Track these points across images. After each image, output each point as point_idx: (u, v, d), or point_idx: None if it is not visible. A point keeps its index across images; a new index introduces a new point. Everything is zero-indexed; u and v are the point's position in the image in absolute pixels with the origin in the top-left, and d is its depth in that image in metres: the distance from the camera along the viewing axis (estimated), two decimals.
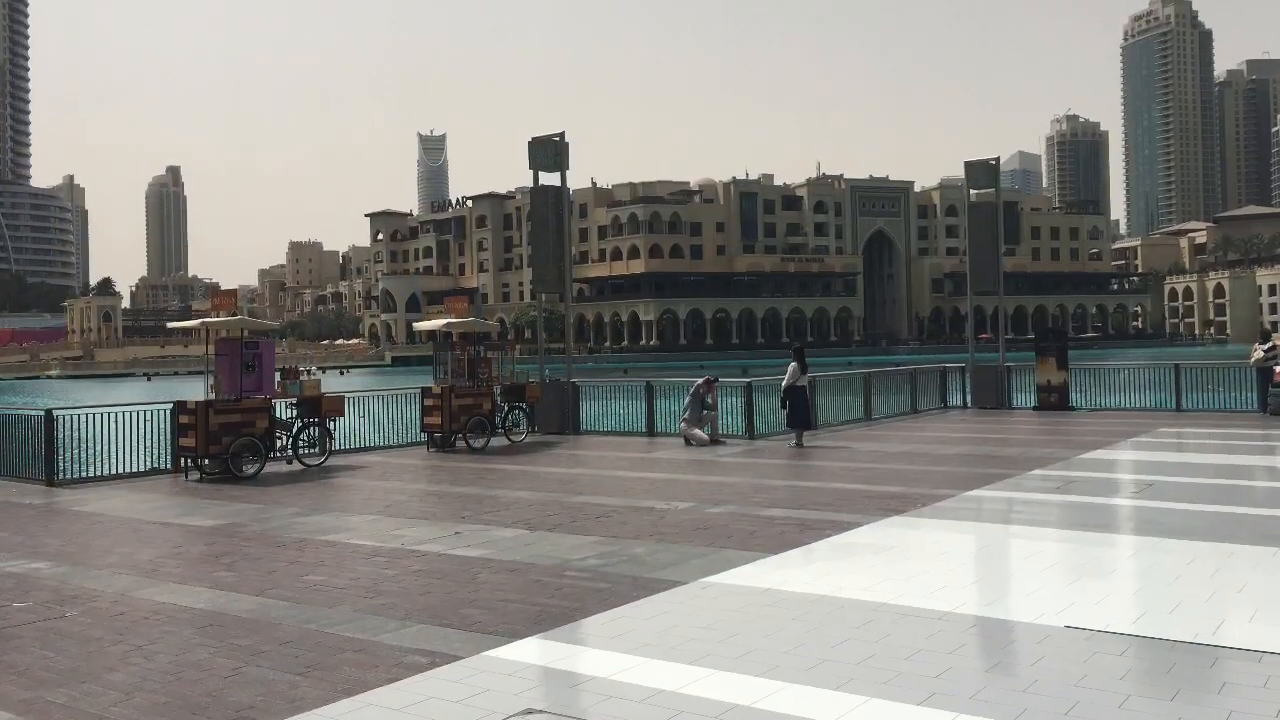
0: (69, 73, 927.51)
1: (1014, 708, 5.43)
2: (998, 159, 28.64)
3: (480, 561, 9.48)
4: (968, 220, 29.61)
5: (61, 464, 16.47)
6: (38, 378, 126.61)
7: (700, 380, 20.78)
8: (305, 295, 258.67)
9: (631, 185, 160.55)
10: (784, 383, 19.64)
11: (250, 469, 16.48)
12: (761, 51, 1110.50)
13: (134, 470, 17.06)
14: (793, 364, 19.47)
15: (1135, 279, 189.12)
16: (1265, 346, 23.50)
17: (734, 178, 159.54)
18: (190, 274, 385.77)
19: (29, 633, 7.45)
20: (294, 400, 18.17)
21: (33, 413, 17.32)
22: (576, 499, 13.32)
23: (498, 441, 20.73)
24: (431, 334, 23.21)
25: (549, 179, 24.02)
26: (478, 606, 7.82)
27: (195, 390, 23.08)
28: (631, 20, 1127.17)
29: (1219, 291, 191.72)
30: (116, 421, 16.93)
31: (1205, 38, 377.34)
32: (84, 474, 16.84)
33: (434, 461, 18.59)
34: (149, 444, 17.35)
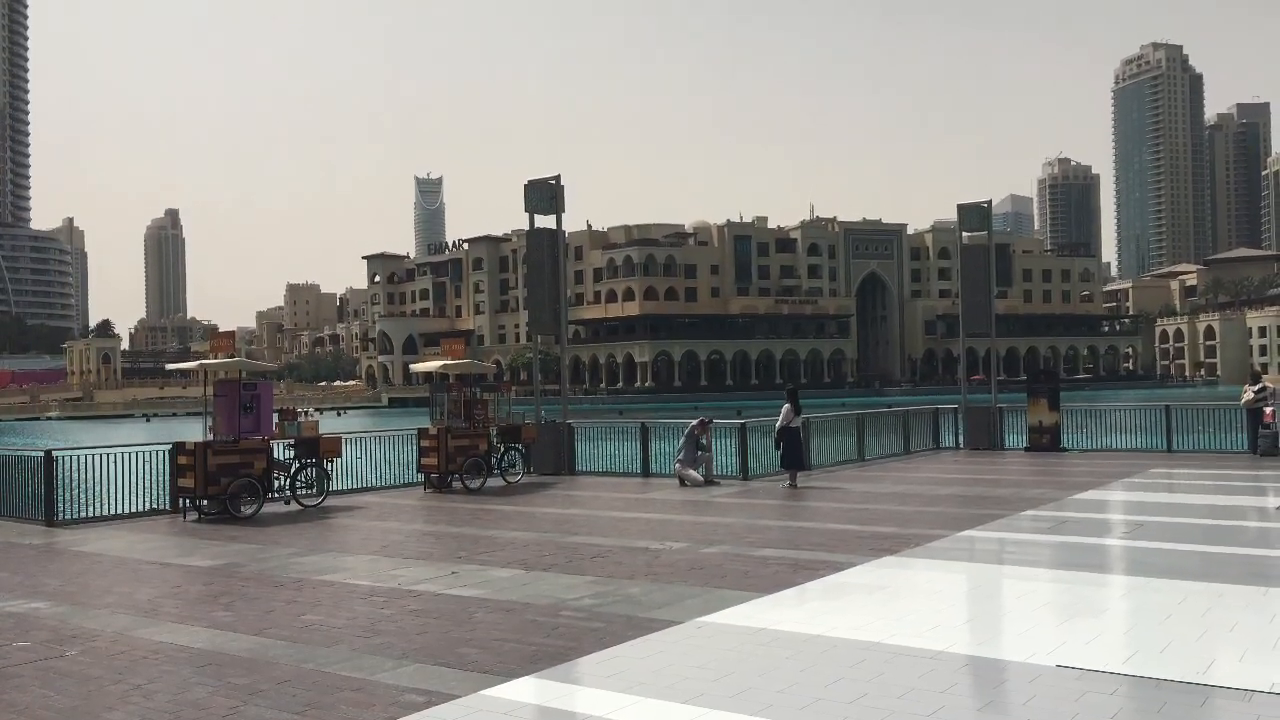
0: (69, 116, 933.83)
1: None
2: (990, 202, 28.90)
3: (477, 601, 9.54)
4: (960, 263, 29.84)
5: (61, 504, 16.48)
6: (37, 419, 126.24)
7: (695, 421, 20.89)
8: (303, 337, 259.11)
9: (626, 228, 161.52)
10: (778, 424, 19.75)
11: (248, 509, 16.54)
12: (756, 94, 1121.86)
13: (133, 511, 17.10)
14: (786, 405, 19.61)
15: (1126, 321, 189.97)
16: (1256, 388, 23.67)
17: (728, 220, 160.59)
18: (189, 316, 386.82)
19: (29, 672, 7.49)
20: (292, 441, 18.22)
21: (32, 454, 17.37)
22: (572, 539, 13.37)
23: (494, 482, 20.78)
24: (428, 376, 23.32)
25: (545, 222, 24.20)
26: (474, 646, 7.89)
27: (194, 431, 23.12)
28: (627, 65, 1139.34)
29: (1209, 333, 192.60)
30: (116, 462, 17.01)
31: (1196, 81, 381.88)
32: (83, 514, 16.83)
33: (430, 502, 18.64)
34: (148, 485, 17.41)
